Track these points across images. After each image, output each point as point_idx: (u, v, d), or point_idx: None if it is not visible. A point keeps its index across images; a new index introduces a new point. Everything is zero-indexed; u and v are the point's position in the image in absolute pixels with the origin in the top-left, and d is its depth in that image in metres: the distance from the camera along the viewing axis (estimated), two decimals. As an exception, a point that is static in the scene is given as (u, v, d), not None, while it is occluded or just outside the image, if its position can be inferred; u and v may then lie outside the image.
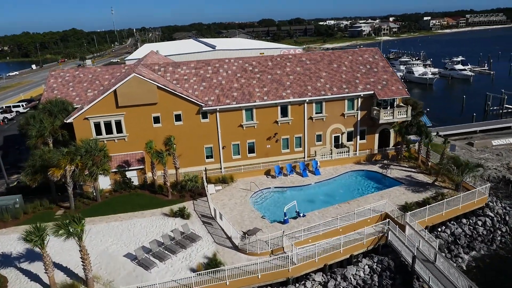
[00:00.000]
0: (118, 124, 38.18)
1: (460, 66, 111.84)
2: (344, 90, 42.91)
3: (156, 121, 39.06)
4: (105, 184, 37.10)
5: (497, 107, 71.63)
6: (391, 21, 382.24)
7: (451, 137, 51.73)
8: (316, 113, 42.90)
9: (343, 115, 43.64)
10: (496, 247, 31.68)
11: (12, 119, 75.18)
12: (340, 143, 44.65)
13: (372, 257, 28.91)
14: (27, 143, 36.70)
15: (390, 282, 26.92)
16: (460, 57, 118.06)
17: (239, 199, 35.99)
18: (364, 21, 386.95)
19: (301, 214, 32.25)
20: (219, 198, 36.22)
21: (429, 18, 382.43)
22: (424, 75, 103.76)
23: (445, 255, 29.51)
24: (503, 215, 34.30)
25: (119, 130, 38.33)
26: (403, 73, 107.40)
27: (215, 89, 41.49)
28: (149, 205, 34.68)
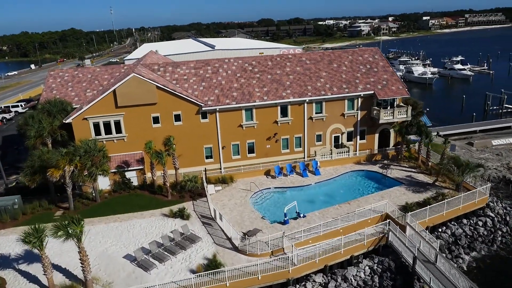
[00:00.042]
0: (117, 124, 38.03)
1: (459, 65, 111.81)
2: (344, 90, 42.80)
3: (155, 121, 38.91)
4: (104, 184, 36.96)
5: (496, 107, 71.58)
6: (390, 20, 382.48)
7: (451, 137, 51.62)
8: (316, 113, 42.79)
9: (343, 115, 43.53)
10: (496, 248, 31.60)
11: (11, 119, 74.97)
12: (340, 143, 44.54)
13: (372, 258, 28.79)
14: (26, 143, 36.55)
15: (390, 283, 26.80)
16: (459, 57, 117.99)
17: (239, 199, 35.86)
18: (363, 21, 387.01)
19: (301, 214, 32.12)
20: (219, 198, 36.08)
21: (428, 18, 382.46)
22: (423, 74, 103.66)
23: (446, 255, 29.41)
24: (503, 216, 34.20)
25: (118, 130, 38.19)
26: (403, 73, 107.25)
27: (214, 89, 41.35)
28: (149, 205, 34.54)
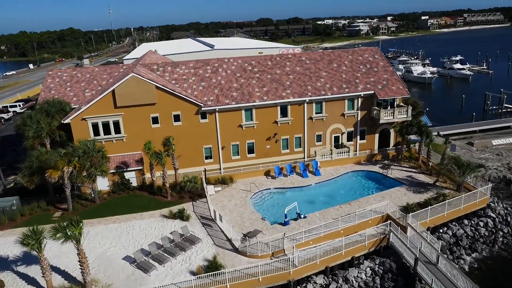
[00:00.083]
0: (116, 124, 37.77)
1: (458, 65, 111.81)
2: (344, 90, 42.62)
3: (154, 121, 38.67)
4: (103, 185, 36.72)
5: (496, 107, 71.54)
6: (389, 20, 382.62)
7: (451, 137, 51.52)
8: (316, 113, 42.60)
9: (343, 115, 43.35)
10: (498, 248, 31.50)
11: (9, 119, 74.65)
12: (340, 143, 44.37)
13: (373, 259, 28.63)
14: (24, 144, 36.25)
15: (392, 284, 26.65)
16: (458, 56, 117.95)
17: (239, 200, 35.66)
18: (362, 21, 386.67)
19: (301, 215, 31.94)
20: (218, 199, 35.88)
21: (427, 17, 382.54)
22: (422, 74, 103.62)
23: (447, 256, 29.27)
24: (504, 216, 34.07)
25: (117, 130, 37.93)
26: (402, 73, 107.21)
27: (214, 89, 41.13)
28: (148, 206, 34.34)
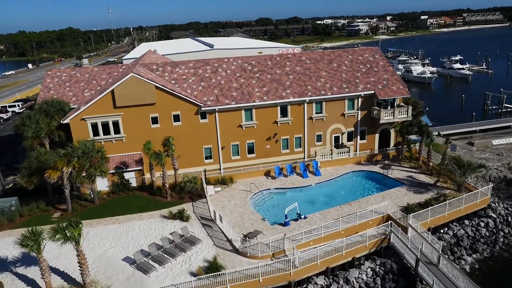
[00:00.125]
0: (115, 124, 37.62)
1: (458, 65, 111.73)
2: (344, 89, 42.50)
3: (154, 121, 38.53)
4: (102, 185, 36.57)
5: (496, 106, 71.49)
6: (389, 20, 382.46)
7: (451, 137, 51.41)
8: (316, 113, 42.48)
9: (343, 115, 43.24)
10: (499, 249, 31.42)
11: (8, 119, 74.49)
12: (340, 143, 44.26)
13: (374, 260, 28.51)
14: (23, 144, 36.10)
15: (393, 285, 26.54)
16: (458, 56, 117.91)
17: (239, 200, 35.53)
18: (361, 20, 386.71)
19: (302, 216, 31.83)
20: (218, 199, 35.75)
21: (426, 17, 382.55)
22: (422, 74, 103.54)
23: (448, 257, 29.18)
24: (505, 216, 34.00)
25: (116, 131, 37.79)
26: (402, 72, 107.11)
27: (214, 89, 40.98)
28: (148, 207, 34.20)
